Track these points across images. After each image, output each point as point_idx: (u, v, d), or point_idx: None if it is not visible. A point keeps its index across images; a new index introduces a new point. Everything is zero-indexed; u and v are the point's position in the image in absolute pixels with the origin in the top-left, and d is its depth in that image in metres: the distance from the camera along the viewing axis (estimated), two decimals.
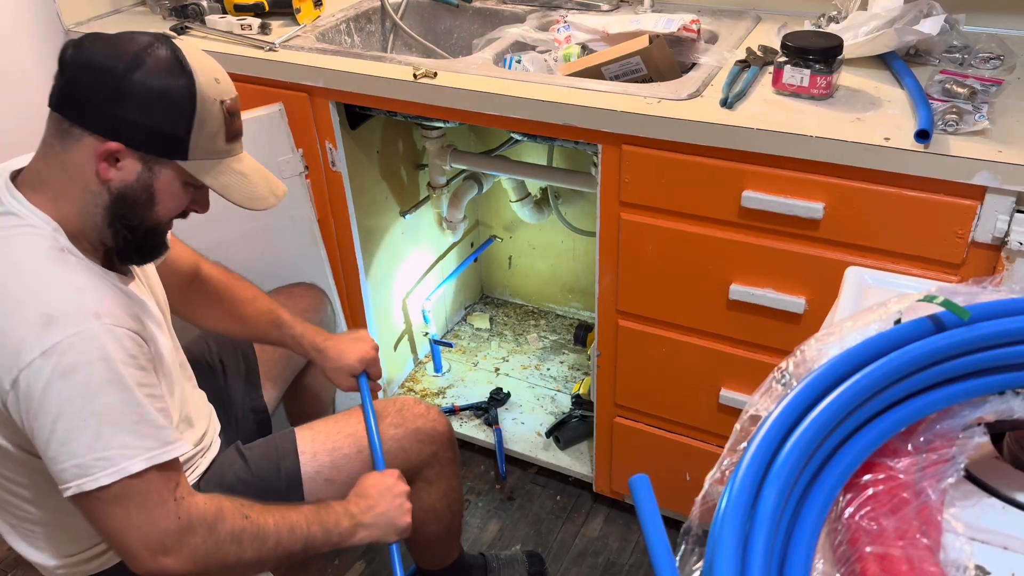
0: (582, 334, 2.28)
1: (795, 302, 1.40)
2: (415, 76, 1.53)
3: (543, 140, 1.60)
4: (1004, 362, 0.70)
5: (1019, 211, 1.19)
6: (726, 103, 1.35)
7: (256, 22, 1.75)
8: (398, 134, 2.01)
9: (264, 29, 1.74)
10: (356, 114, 1.77)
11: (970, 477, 0.71)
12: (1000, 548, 0.66)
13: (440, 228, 2.23)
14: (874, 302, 0.78)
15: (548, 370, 2.27)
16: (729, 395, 1.55)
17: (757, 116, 1.32)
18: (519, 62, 1.65)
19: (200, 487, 1.26)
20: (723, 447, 0.68)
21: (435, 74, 1.53)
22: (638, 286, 1.55)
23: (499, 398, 2.15)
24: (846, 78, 1.41)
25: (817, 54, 1.33)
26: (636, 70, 1.56)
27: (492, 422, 2.09)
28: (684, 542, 0.63)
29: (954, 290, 0.75)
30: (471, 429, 2.10)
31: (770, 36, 1.60)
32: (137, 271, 1.19)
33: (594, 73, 1.56)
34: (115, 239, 1.08)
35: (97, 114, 1.01)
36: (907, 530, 0.61)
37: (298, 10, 1.80)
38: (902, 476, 0.65)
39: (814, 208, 1.31)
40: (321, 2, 1.86)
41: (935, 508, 0.63)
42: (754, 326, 1.47)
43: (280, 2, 1.81)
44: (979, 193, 1.20)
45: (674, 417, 1.68)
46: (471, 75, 1.53)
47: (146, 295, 1.18)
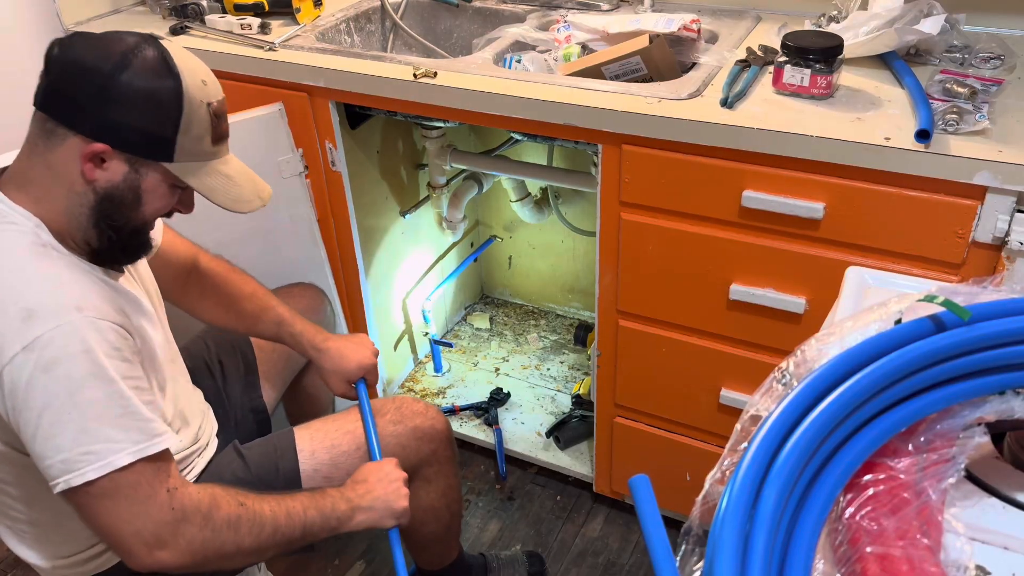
0: (582, 334, 2.28)
1: (795, 302, 1.40)
2: (415, 76, 1.53)
3: (543, 140, 1.60)
4: (1004, 362, 0.70)
5: (1019, 211, 1.19)
6: (726, 103, 1.35)
7: (256, 22, 1.74)
8: (398, 134, 2.01)
9: (264, 29, 1.74)
10: (356, 114, 1.77)
11: (970, 477, 0.71)
12: (1000, 548, 0.66)
13: (440, 228, 2.23)
14: (874, 302, 0.78)
15: (548, 370, 2.27)
16: (729, 395, 1.55)
17: (757, 116, 1.32)
18: (519, 62, 1.65)
19: None
20: (723, 447, 0.68)
21: (435, 74, 1.53)
22: (638, 286, 1.55)
23: (499, 398, 2.15)
24: (846, 78, 1.41)
25: (817, 54, 1.33)
26: (636, 70, 1.56)
27: (492, 422, 2.09)
28: (684, 542, 0.63)
29: (954, 290, 0.75)
30: (471, 429, 2.10)
31: (770, 36, 1.60)
32: (129, 268, 1.19)
33: (594, 73, 1.56)
34: (100, 239, 1.07)
35: (83, 114, 1.00)
36: (907, 530, 0.61)
37: (298, 10, 1.80)
38: (902, 476, 0.65)
39: (814, 208, 1.31)
40: (321, 2, 1.86)
41: (935, 508, 0.63)
42: (754, 326, 1.47)
43: (280, 2, 1.81)
44: (979, 193, 1.20)
45: (674, 417, 1.68)
46: (471, 75, 1.53)
47: (136, 289, 1.17)
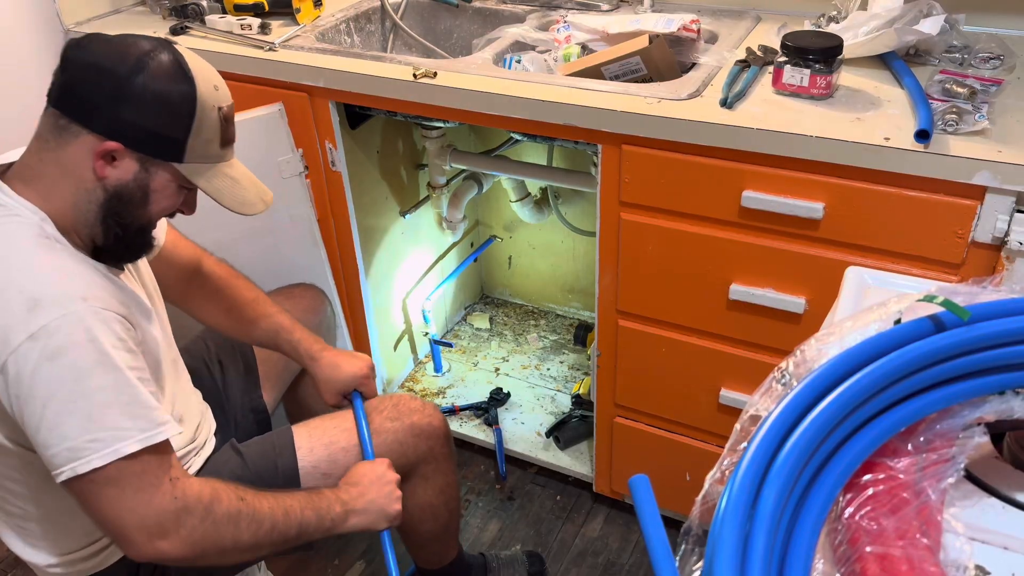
0: (582, 334, 2.28)
1: (795, 302, 1.40)
2: (415, 76, 1.53)
3: (543, 140, 1.60)
4: (1004, 362, 0.70)
5: (1019, 211, 1.19)
6: (726, 103, 1.35)
7: (256, 22, 1.74)
8: (398, 134, 2.01)
9: (264, 29, 1.74)
10: (356, 114, 1.77)
11: (970, 477, 0.71)
12: (1000, 548, 0.66)
13: (440, 228, 2.23)
14: (874, 302, 0.78)
15: (548, 370, 2.27)
16: (729, 395, 1.55)
17: (757, 116, 1.32)
18: (519, 62, 1.65)
19: None
20: (723, 447, 0.68)
21: (435, 74, 1.53)
22: (638, 286, 1.55)
23: (499, 398, 2.15)
24: (846, 78, 1.41)
25: (817, 54, 1.33)
26: (636, 70, 1.56)
27: (492, 422, 2.09)
28: (684, 542, 0.63)
29: (954, 290, 0.75)
30: (471, 429, 2.10)
31: (770, 36, 1.60)
32: (129, 267, 1.19)
33: (594, 73, 1.56)
34: (105, 236, 1.09)
35: (97, 113, 1.02)
36: (907, 530, 0.61)
37: (298, 10, 1.80)
38: (902, 476, 0.65)
39: (814, 208, 1.31)
40: (321, 2, 1.86)
41: (935, 508, 0.63)
42: (754, 326, 1.47)
43: (280, 2, 1.81)
44: (979, 193, 1.20)
45: (674, 417, 1.68)
46: (471, 75, 1.53)
47: (136, 287, 1.18)
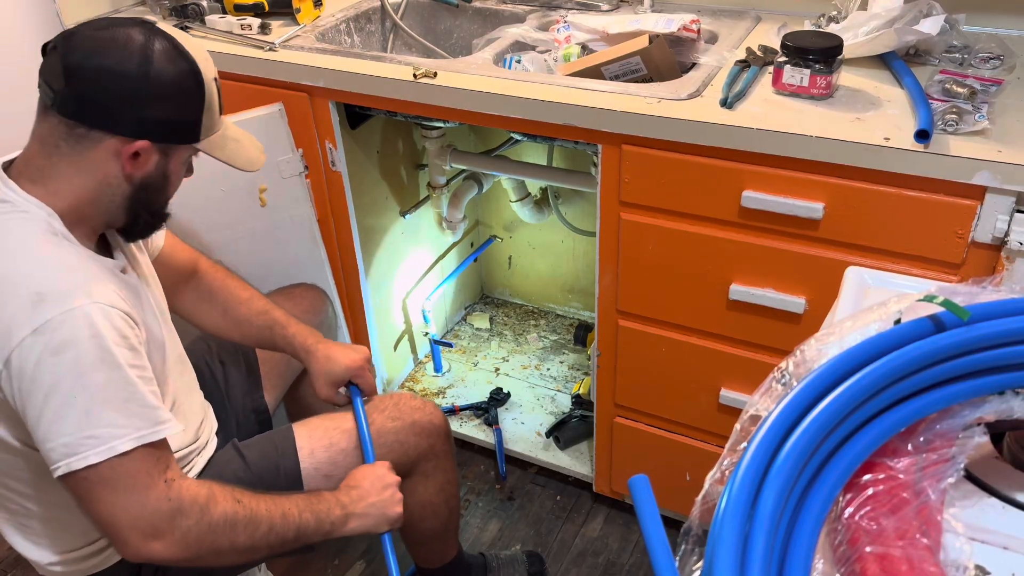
0: (582, 334, 2.28)
1: (795, 302, 1.40)
2: (415, 76, 1.53)
3: (543, 140, 1.60)
4: (1004, 362, 0.70)
5: (1019, 211, 1.19)
6: (726, 103, 1.35)
7: (256, 22, 1.74)
8: (398, 134, 2.01)
9: (264, 29, 1.74)
10: (356, 114, 1.77)
11: (970, 477, 0.71)
12: (1000, 548, 0.66)
13: (440, 228, 2.23)
14: (874, 302, 0.78)
15: (548, 370, 2.27)
16: (729, 395, 1.55)
17: (757, 116, 1.32)
18: (519, 62, 1.65)
19: None
20: (723, 447, 0.68)
21: (435, 74, 1.53)
22: (638, 286, 1.55)
23: (499, 398, 2.15)
24: (846, 78, 1.41)
25: (817, 54, 1.33)
26: (636, 70, 1.56)
27: (492, 422, 2.09)
28: (684, 542, 0.63)
29: (954, 290, 0.75)
30: (471, 429, 2.10)
31: (770, 36, 1.60)
32: (134, 265, 1.19)
33: (594, 73, 1.56)
34: (129, 221, 1.12)
35: (120, 117, 1.03)
36: (907, 530, 0.61)
37: (298, 10, 1.80)
38: (902, 476, 0.65)
39: (814, 208, 1.31)
40: (321, 2, 1.86)
41: (935, 508, 0.63)
42: (754, 326, 1.47)
43: (280, 2, 1.81)
44: (979, 193, 1.20)
45: (674, 417, 1.68)
46: (471, 75, 1.53)
47: (141, 284, 1.18)
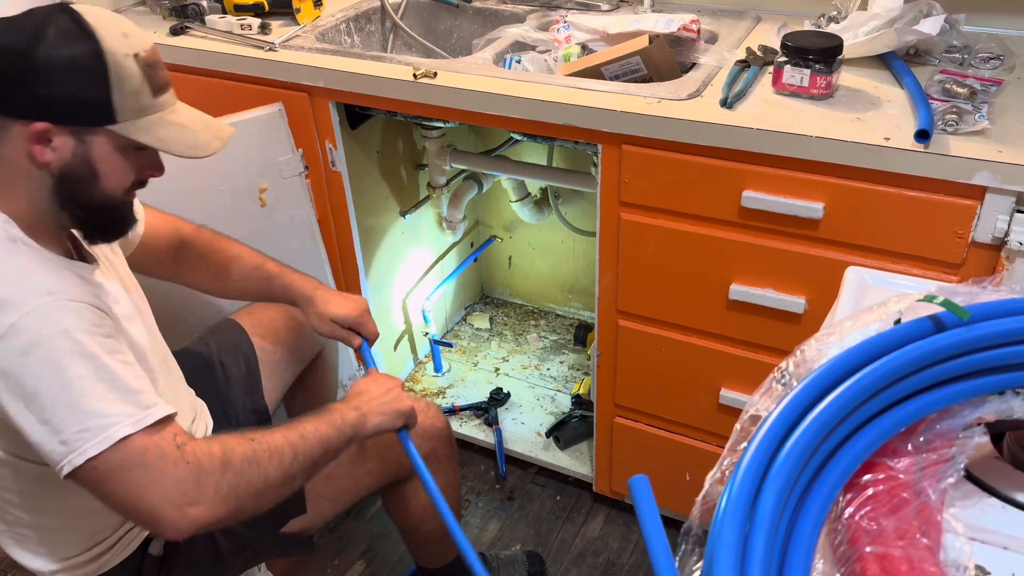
0: (582, 334, 2.28)
1: (795, 302, 1.40)
2: (415, 76, 1.53)
3: (543, 140, 1.60)
4: (1004, 362, 0.70)
5: (1019, 211, 1.19)
6: (726, 103, 1.35)
7: (256, 22, 1.74)
8: (398, 134, 2.01)
9: (264, 29, 1.74)
10: (356, 114, 1.77)
11: (970, 477, 0.71)
12: (1000, 548, 0.66)
13: (440, 228, 2.23)
14: (874, 302, 0.78)
15: (548, 370, 2.27)
16: (729, 395, 1.55)
17: (757, 116, 1.32)
18: (519, 62, 1.65)
19: None
20: (723, 447, 0.68)
21: (435, 74, 1.53)
22: (638, 286, 1.55)
23: (499, 398, 2.15)
24: (846, 78, 1.41)
25: (817, 54, 1.33)
26: (636, 70, 1.56)
27: (492, 422, 2.09)
28: (684, 542, 0.63)
29: (954, 290, 0.75)
30: (471, 429, 2.10)
31: (770, 36, 1.60)
32: (107, 268, 1.18)
33: (594, 73, 1.56)
34: (72, 220, 1.07)
35: (14, 98, 0.99)
36: (907, 530, 0.61)
37: (298, 10, 1.80)
38: (902, 476, 0.65)
39: (814, 208, 1.31)
40: (321, 2, 1.86)
41: (935, 508, 0.63)
42: (754, 326, 1.47)
43: (280, 2, 1.81)
44: (979, 193, 1.20)
45: (674, 417, 1.68)
46: (471, 75, 1.53)
47: (113, 285, 1.16)
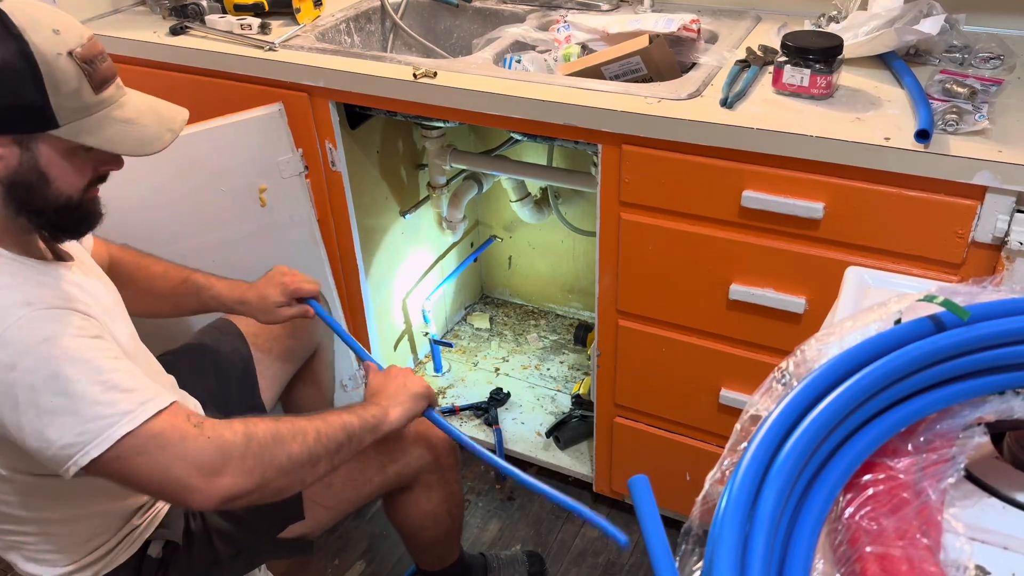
0: (582, 334, 2.28)
1: (795, 302, 1.40)
2: (415, 76, 1.53)
3: (543, 140, 1.60)
4: (1004, 362, 0.70)
5: (1019, 211, 1.19)
6: (726, 103, 1.35)
7: (256, 22, 1.74)
8: (398, 134, 2.01)
9: (264, 29, 1.74)
10: (356, 114, 1.77)
11: (970, 477, 0.71)
12: (1000, 548, 0.66)
13: (440, 228, 2.23)
14: (874, 302, 0.78)
15: (548, 370, 2.27)
16: (729, 395, 1.55)
17: (757, 116, 1.32)
18: (519, 62, 1.65)
19: None
20: (723, 447, 0.68)
21: (435, 74, 1.53)
22: (638, 286, 1.55)
23: (499, 398, 2.15)
24: (846, 78, 1.41)
25: (817, 54, 1.33)
26: (636, 70, 1.56)
27: (492, 422, 2.09)
28: (684, 542, 0.63)
29: (954, 290, 0.75)
30: (471, 429, 2.10)
31: (770, 36, 1.60)
32: (81, 260, 1.16)
33: (594, 73, 1.56)
34: (32, 223, 1.04)
35: None
36: (907, 530, 0.61)
37: (298, 10, 1.80)
38: (902, 476, 0.65)
39: (814, 208, 1.31)
40: (321, 2, 1.86)
41: (935, 508, 0.63)
42: (754, 326, 1.47)
43: (280, 2, 1.81)
44: (979, 193, 1.20)
45: (674, 417, 1.68)
46: (471, 75, 1.53)
47: (90, 284, 1.14)
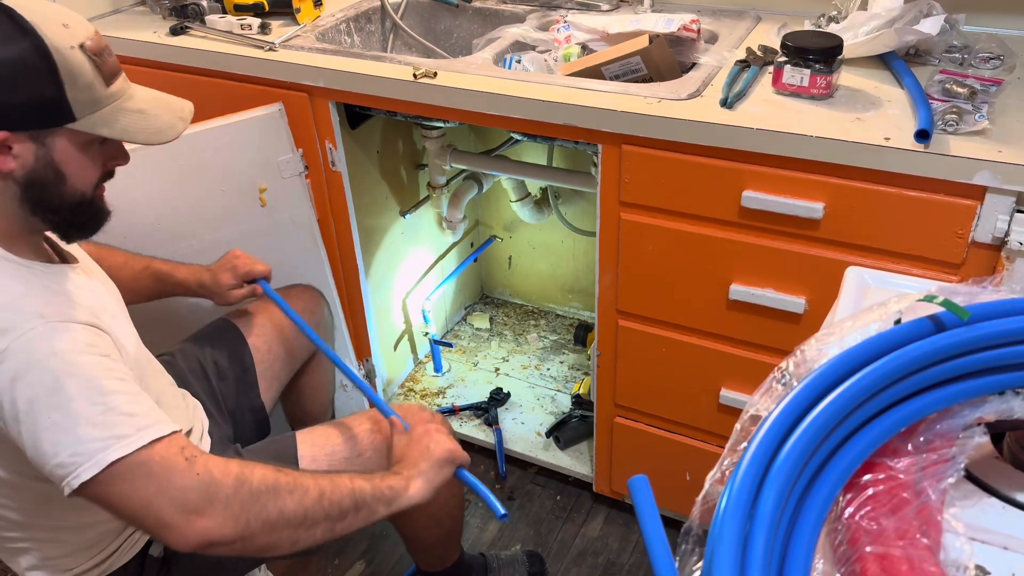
0: (582, 334, 2.28)
1: (795, 302, 1.40)
2: (415, 76, 1.53)
3: (543, 140, 1.60)
4: (1004, 362, 0.70)
5: (1019, 211, 1.19)
6: (726, 103, 1.35)
7: (256, 22, 1.74)
8: (398, 134, 2.01)
9: (264, 29, 1.74)
10: (356, 114, 1.77)
11: (970, 477, 0.71)
12: (1000, 548, 0.66)
13: (440, 228, 2.23)
14: (874, 302, 0.78)
15: (548, 370, 2.27)
16: (729, 395, 1.55)
17: (757, 116, 1.32)
18: (519, 62, 1.65)
19: None
20: (723, 447, 0.68)
21: (435, 74, 1.53)
22: (638, 286, 1.55)
23: (499, 398, 2.15)
24: (846, 78, 1.41)
25: (817, 54, 1.33)
26: (636, 70, 1.56)
27: (492, 422, 2.09)
28: (684, 542, 0.63)
29: (954, 290, 0.75)
30: (471, 429, 2.10)
31: (770, 36, 1.60)
32: (82, 264, 1.16)
33: (594, 73, 1.56)
34: (46, 224, 1.05)
35: None
36: (907, 530, 0.61)
37: (298, 10, 1.80)
38: (902, 476, 0.65)
39: (814, 208, 1.31)
40: (321, 2, 1.86)
41: (935, 508, 0.63)
42: (754, 326, 1.47)
43: (280, 2, 1.81)
44: (979, 193, 1.20)
45: (674, 417, 1.68)
46: (471, 75, 1.53)
47: (95, 285, 1.15)
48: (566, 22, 1.69)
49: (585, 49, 1.67)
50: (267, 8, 1.82)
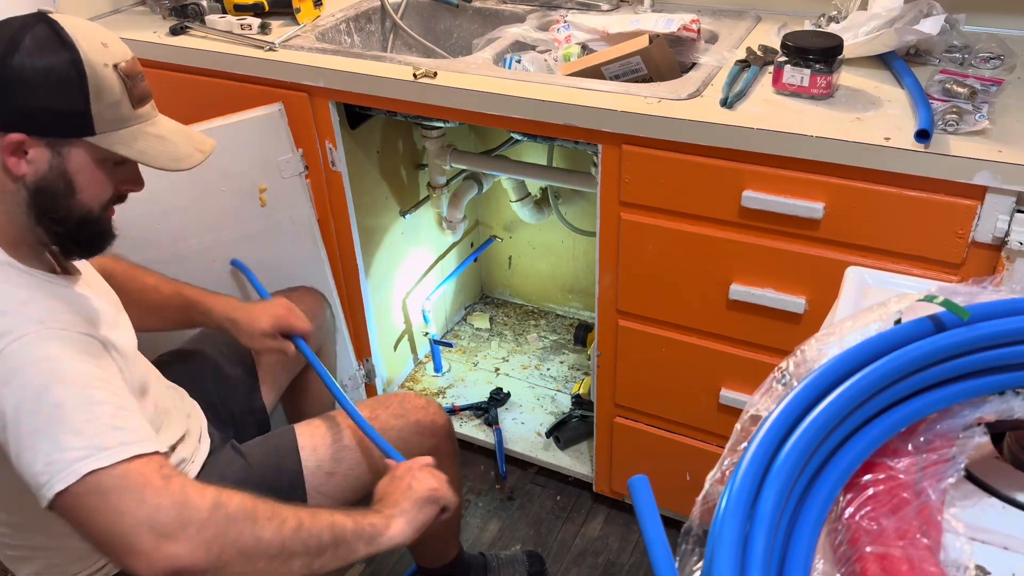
0: (582, 334, 2.28)
1: (795, 302, 1.40)
2: (415, 76, 1.53)
3: (543, 140, 1.60)
4: (1004, 362, 0.70)
5: (1019, 211, 1.19)
6: (726, 103, 1.35)
7: (256, 22, 1.74)
8: (398, 134, 2.01)
9: (264, 29, 1.74)
10: (356, 114, 1.77)
11: (970, 477, 0.71)
12: (1000, 548, 0.66)
13: (440, 228, 2.23)
14: (874, 302, 0.78)
15: (548, 370, 2.27)
16: (729, 395, 1.55)
17: (757, 116, 1.32)
18: (519, 62, 1.65)
19: None
20: (723, 447, 0.68)
21: (435, 74, 1.53)
22: (638, 286, 1.55)
23: (499, 398, 2.15)
24: (846, 78, 1.41)
25: (817, 54, 1.33)
26: (636, 70, 1.56)
27: (492, 422, 2.09)
28: (684, 542, 0.63)
29: (954, 290, 0.75)
30: (471, 429, 2.10)
31: (770, 36, 1.60)
32: (85, 274, 1.16)
33: (594, 73, 1.56)
34: (49, 236, 1.04)
35: None
36: (907, 530, 0.61)
37: (298, 10, 1.80)
38: (902, 476, 0.65)
39: (814, 208, 1.31)
40: (321, 2, 1.86)
41: (935, 508, 0.63)
42: (754, 326, 1.47)
43: (280, 2, 1.81)
44: (979, 193, 1.20)
45: (674, 417, 1.68)
46: (471, 75, 1.53)
47: (95, 295, 1.14)
48: (566, 22, 1.69)
49: (585, 49, 1.67)
50: (267, 8, 1.82)
